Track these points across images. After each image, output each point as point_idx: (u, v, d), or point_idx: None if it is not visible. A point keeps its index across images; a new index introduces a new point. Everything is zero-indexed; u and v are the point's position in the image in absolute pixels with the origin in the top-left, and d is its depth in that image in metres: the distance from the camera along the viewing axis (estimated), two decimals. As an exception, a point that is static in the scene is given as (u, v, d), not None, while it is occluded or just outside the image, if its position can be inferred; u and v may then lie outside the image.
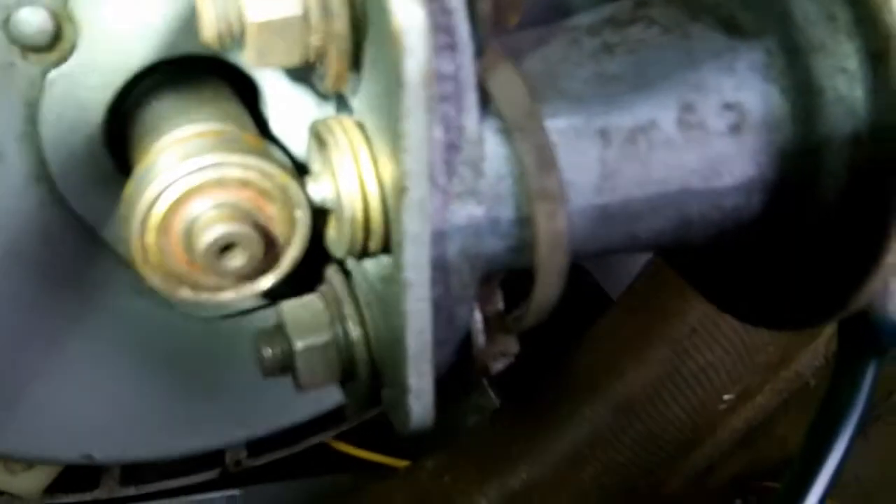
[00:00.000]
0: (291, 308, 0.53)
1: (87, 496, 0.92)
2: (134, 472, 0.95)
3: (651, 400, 1.01)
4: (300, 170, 0.50)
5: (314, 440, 0.98)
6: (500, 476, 1.02)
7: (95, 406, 0.71)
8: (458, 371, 0.55)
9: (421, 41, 0.38)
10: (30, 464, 0.81)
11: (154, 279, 0.47)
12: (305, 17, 0.42)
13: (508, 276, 0.54)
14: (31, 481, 0.85)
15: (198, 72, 0.53)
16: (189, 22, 0.52)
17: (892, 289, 0.67)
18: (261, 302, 0.63)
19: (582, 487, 1.04)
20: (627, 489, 1.06)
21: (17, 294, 0.63)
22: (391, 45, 0.38)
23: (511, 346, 0.57)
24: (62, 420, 0.71)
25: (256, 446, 0.96)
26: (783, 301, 0.56)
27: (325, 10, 0.41)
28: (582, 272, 1.17)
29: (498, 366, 0.59)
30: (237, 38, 0.43)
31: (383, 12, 0.38)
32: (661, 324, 0.97)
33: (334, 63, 0.43)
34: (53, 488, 0.92)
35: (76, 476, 0.92)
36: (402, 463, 1.07)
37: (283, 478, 1.05)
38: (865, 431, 1.19)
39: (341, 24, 0.41)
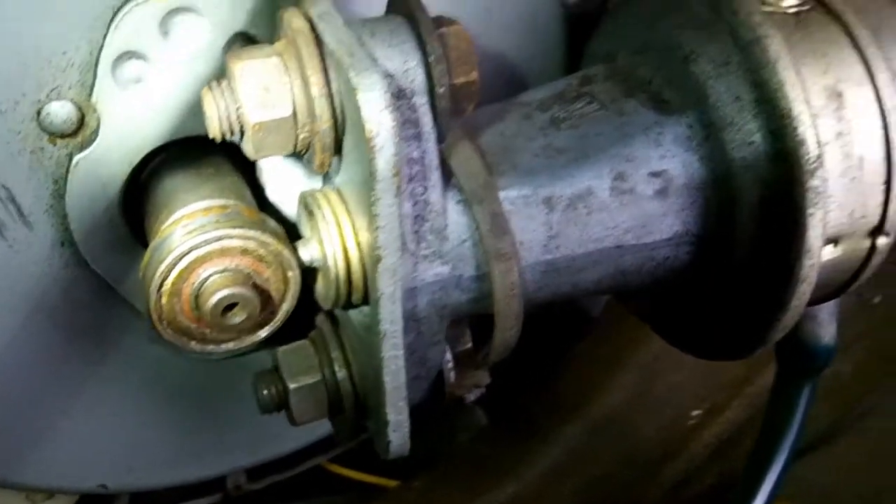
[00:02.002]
0: (285, 352, 0.60)
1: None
2: (142, 497, 0.96)
3: (624, 419, 1.07)
4: (293, 231, 0.58)
5: (310, 463, 1.02)
6: (487, 492, 1.06)
7: (110, 440, 0.77)
8: (434, 400, 0.63)
9: (389, 143, 0.46)
10: (50, 493, 0.86)
11: (167, 334, 0.55)
12: (294, 118, 0.50)
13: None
14: (50, 510, 0.91)
15: (202, 148, 0.61)
16: (194, 106, 0.60)
17: (820, 318, 0.76)
18: (257, 346, 0.70)
19: (564, 501, 1.08)
20: (607, 501, 1.10)
21: (43, 343, 0.69)
22: (365, 144, 0.46)
23: (482, 378, 0.65)
24: (80, 454, 0.77)
25: (255, 471, 0.99)
26: (713, 335, 0.64)
27: (311, 112, 0.49)
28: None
29: (471, 396, 0.67)
30: (237, 133, 0.51)
31: (358, 117, 0.46)
32: (629, 350, 1.04)
33: (319, 152, 0.51)
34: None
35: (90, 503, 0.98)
36: (392, 483, 1.10)
37: (281, 500, 1.07)
38: (831, 441, 1.26)
39: (324, 123, 0.49)
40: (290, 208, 0.64)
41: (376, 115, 0.46)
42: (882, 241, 0.61)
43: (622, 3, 0.65)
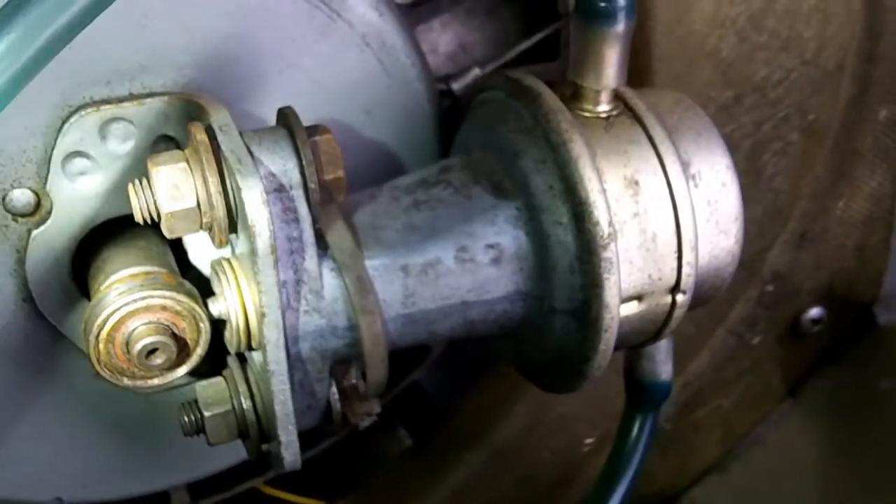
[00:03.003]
0: (203, 387, 0.73)
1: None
2: None
3: (521, 446, 1.17)
4: (208, 283, 0.72)
5: (247, 485, 1.10)
6: None
7: (64, 459, 0.88)
8: (325, 424, 0.76)
9: (266, 229, 0.61)
10: None
11: (104, 373, 0.69)
12: (198, 208, 0.64)
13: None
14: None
15: (134, 224, 0.74)
16: (126, 192, 0.74)
17: (657, 358, 0.90)
18: (185, 380, 0.84)
19: (468, 523, 1.18)
20: (508, 524, 1.19)
21: (4, 379, 0.81)
22: (249, 229, 0.62)
23: (373, 407, 0.79)
24: (39, 471, 0.88)
25: (198, 492, 1.07)
26: (547, 371, 0.79)
27: (210, 204, 0.64)
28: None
29: (365, 422, 0.81)
30: (156, 218, 0.66)
31: (244, 209, 0.62)
32: (523, 384, 1.14)
33: (218, 232, 0.66)
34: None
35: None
36: (319, 503, 1.20)
37: None
38: (723, 468, 1.39)
39: (220, 211, 0.64)
40: (205, 267, 0.79)
41: (255, 209, 0.61)
42: (680, 297, 0.74)
43: (476, 106, 0.80)
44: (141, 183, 0.65)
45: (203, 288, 0.73)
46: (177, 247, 0.78)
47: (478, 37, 1.03)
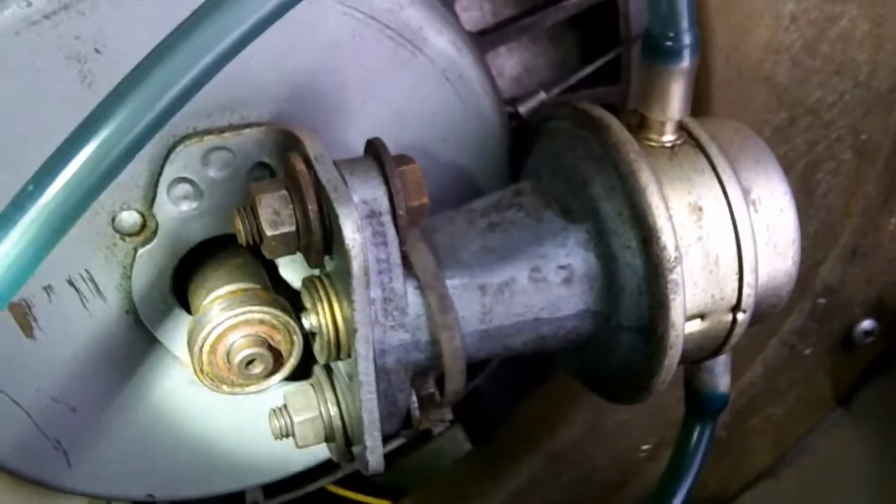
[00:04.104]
0: (292, 393, 0.79)
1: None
2: None
3: (579, 450, 1.21)
4: (296, 296, 0.77)
5: (316, 485, 1.18)
6: None
7: (156, 459, 0.94)
8: (404, 430, 0.82)
9: (360, 253, 0.66)
10: (108, 501, 1.04)
11: (206, 381, 0.76)
12: (297, 233, 0.70)
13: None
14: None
15: (231, 243, 0.79)
16: (225, 214, 0.79)
17: (716, 371, 0.94)
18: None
19: (527, 522, 1.22)
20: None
21: (105, 384, 0.87)
22: (344, 253, 0.67)
23: (445, 414, 0.84)
24: (132, 469, 0.94)
25: (271, 490, 1.16)
26: (615, 384, 0.84)
27: (308, 229, 0.70)
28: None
29: (438, 429, 0.86)
30: (258, 241, 0.72)
31: (340, 234, 0.67)
32: (583, 390, 1.17)
33: (314, 255, 0.72)
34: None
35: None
36: (384, 503, 1.26)
37: None
38: (774, 475, 1.42)
39: (317, 235, 0.70)
40: (295, 282, 0.84)
41: (351, 234, 0.66)
42: (741, 315, 0.78)
43: (545, 134, 0.85)
44: (245, 209, 0.71)
45: (289, 300, 0.79)
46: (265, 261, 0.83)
47: (542, 61, 1.09)
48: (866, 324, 1.27)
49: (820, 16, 1.00)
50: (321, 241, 0.70)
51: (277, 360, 0.76)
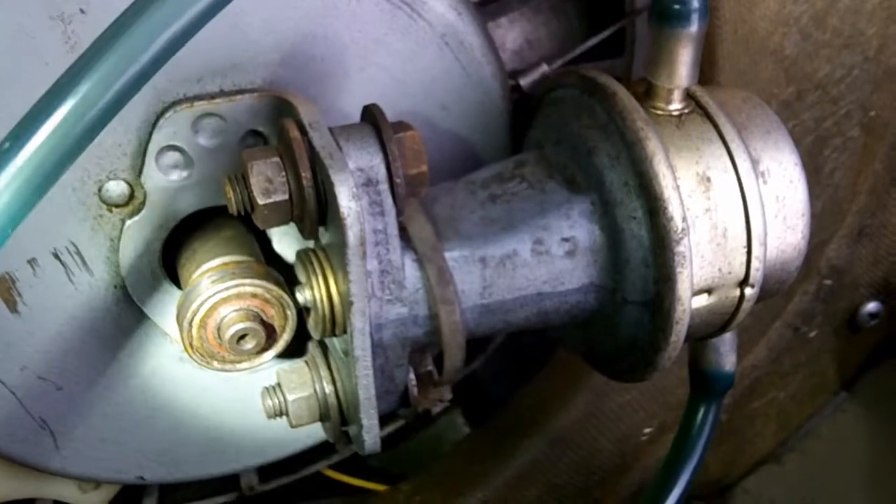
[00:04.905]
0: (285, 371, 0.76)
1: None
2: (168, 493, 1.12)
3: (580, 433, 1.19)
4: (290, 270, 0.74)
5: (311, 469, 1.17)
6: (461, 496, 1.18)
7: (146, 439, 0.92)
8: (401, 408, 0.79)
9: (356, 222, 0.64)
10: (97, 484, 1.02)
11: (195, 357, 0.73)
12: (290, 201, 0.67)
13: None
14: (97, 498, 1.02)
15: (222, 215, 0.77)
16: (216, 184, 0.76)
17: (721, 350, 0.92)
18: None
19: (527, 504, 1.20)
20: (566, 506, 1.22)
21: (92, 360, 0.85)
22: (340, 222, 0.64)
23: (444, 393, 0.81)
24: (122, 450, 0.92)
25: (266, 473, 1.15)
26: (619, 361, 0.81)
27: (302, 197, 0.67)
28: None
29: (436, 408, 0.84)
30: (250, 210, 0.69)
31: (335, 203, 0.64)
32: (584, 372, 1.14)
33: (308, 224, 0.69)
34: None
35: (125, 497, 1.08)
36: (382, 487, 1.23)
37: (287, 501, 1.20)
38: (778, 459, 1.40)
39: (312, 205, 0.67)
40: (289, 255, 0.82)
41: (346, 202, 0.64)
42: (749, 290, 0.76)
43: (548, 103, 0.82)
44: (236, 177, 0.68)
45: (283, 274, 0.76)
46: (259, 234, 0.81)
47: (544, 33, 1.06)
48: (872, 306, 1.25)
49: (829, -14, 0.97)
50: (315, 211, 0.67)
51: (270, 335, 0.73)
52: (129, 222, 0.77)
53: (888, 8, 1.01)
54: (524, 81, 0.98)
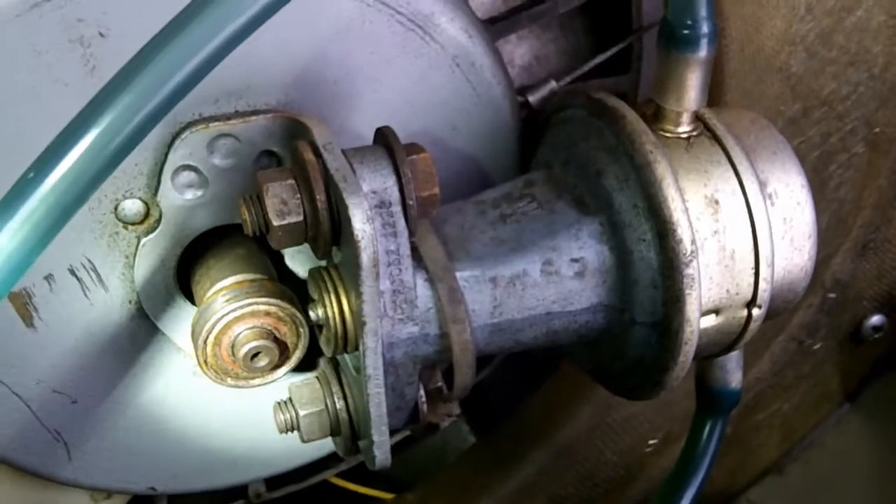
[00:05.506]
0: (297, 387, 0.78)
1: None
2: (177, 501, 1.11)
3: (585, 445, 1.20)
4: (302, 287, 0.75)
5: (319, 478, 1.17)
6: None
7: (157, 451, 0.92)
8: (410, 424, 0.80)
9: (370, 244, 0.65)
10: (108, 494, 1.03)
11: (210, 373, 0.74)
12: (304, 223, 0.68)
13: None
14: (108, 508, 1.07)
15: (237, 233, 0.78)
16: (231, 203, 0.77)
17: (728, 367, 0.93)
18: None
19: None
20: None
21: (108, 374, 0.86)
22: (353, 244, 0.65)
23: (453, 408, 0.83)
24: (133, 461, 0.92)
25: (273, 482, 1.15)
26: (626, 379, 0.82)
27: (316, 219, 0.68)
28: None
29: (445, 423, 0.85)
30: (264, 231, 0.70)
31: (349, 225, 0.65)
32: (589, 384, 1.14)
33: (321, 245, 0.70)
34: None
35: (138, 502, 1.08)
36: (388, 496, 1.25)
37: None
38: (781, 470, 1.40)
39: (325, 226, 0.68)
40: (301, 272, 0.83)
41: (361, 225, 0.65)
42: (756, 311, 0.77)
43: (557, 123, 0.83)
44: (251, 198, 0.69)
45: (295, 291, 0.77)
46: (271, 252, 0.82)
47: (552, 50, 1.07)
48: (875, 319, 1.26)
49: (836, 5, 0.98)
50: (329, 232, 0.68)
51: (283, 352, 0.74)
52: (144, 240, 0.78)
53: (893, 26, 1.02)
54: (532, 98, 0.99)
